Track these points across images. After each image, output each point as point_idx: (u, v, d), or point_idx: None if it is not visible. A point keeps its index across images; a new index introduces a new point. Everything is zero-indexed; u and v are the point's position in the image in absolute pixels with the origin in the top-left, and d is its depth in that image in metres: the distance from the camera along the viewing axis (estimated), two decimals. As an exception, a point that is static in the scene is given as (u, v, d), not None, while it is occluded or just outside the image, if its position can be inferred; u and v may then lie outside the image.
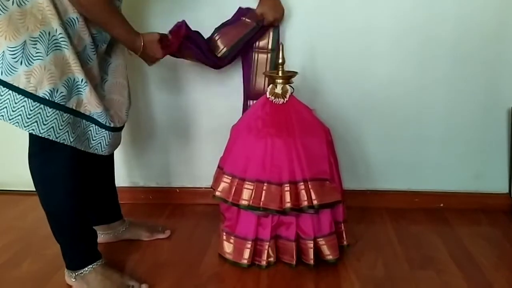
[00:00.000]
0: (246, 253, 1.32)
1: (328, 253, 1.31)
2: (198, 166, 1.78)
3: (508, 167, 1.68)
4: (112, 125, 1.19)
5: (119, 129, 1.25)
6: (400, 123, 1.67)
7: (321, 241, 1.31)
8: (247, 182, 1.29)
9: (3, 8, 1.00)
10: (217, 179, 1.38)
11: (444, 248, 1.44)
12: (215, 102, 1.69)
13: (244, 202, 1.28)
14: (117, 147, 1.30)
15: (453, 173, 1.71)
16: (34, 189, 1.17)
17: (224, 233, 1.37)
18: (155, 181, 1.83)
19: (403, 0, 1.55)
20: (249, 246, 1.32)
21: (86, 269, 1.23)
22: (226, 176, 1.33)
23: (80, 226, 1.24)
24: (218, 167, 1.42)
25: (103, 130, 1.18)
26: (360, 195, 1.74)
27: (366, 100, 1.65)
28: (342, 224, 1.37)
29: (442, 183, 1.72)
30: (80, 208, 1.22)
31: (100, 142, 1.19)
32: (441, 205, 1.72)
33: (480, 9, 1.54)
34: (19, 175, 1.90)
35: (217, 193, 1.33)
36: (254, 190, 1.28)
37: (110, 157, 1.42)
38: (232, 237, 1.35)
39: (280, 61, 1.34)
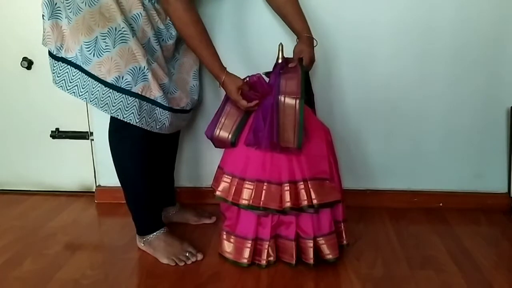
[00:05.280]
0: (246, 253, 1.32)
1: (328, 253, 1.32)
2: (199, 166, 1.78)
3: (508, 167, 1.69)
4: (173, 107, 1.33)
5: (181, 111, 1.37)
6: (400, 123, 1.68)
7: (321, 241, 1.31)
8: (247, 182, 1.29)
9: (79, 9, 1.19)
10: (217, 179, 1.38)
11: (444, 247, 1.44)
12: (215, 102, 1.70)
13: (244, 202, 1.29)
14: (179, 128, 1.48)
15: (452, 173, 1.71)
16: (35, 189, 1.17)
17: (224, 233, 1.37)
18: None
19: (404, 0, 1.55)
20: (249, 245, 1.32)
21: (152, 235, 1.40)
22: (226, 176, 1.33)
23: (147, 198, 1.41)
24: (219, 167, 1.42)
25: (166, 111, 1.31)
26: (360, 195, 1.74)
27: (366, 100, 1.66)
28: (342, 224, 1.37)
29: (442, 182, 1.73)
30: (148, 183, 1.39)
31: (164, 123, 1.32)
32: (441, 204, 1.72)
33: (479, 9, 1.54)
34: (19, 175, 1.91)
35: (218, 193, 1.33)
36: (254, 190, 1.28)
37: (174, 147, 1.60)
38: (232, 237, 1.35)
39: (280, 61, 1.34)
